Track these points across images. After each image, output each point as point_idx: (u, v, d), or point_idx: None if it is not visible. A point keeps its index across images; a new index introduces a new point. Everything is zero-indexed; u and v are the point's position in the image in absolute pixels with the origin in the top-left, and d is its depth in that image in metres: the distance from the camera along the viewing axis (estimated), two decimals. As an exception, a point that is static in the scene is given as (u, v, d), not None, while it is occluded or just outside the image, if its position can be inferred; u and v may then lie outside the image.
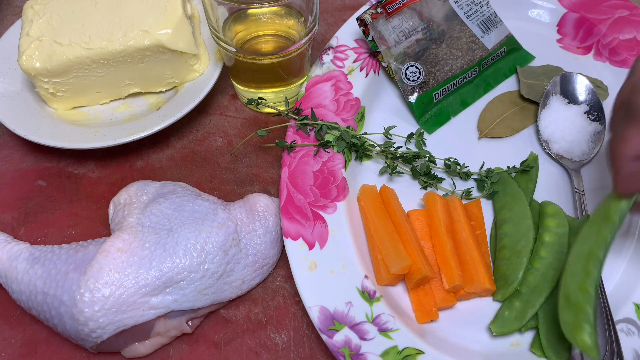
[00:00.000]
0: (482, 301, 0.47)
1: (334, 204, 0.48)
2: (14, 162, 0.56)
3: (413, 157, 0.52)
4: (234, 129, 0.58)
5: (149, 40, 0.51)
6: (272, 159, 0.56)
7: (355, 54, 0.57)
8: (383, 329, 0.43)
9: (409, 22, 0.56)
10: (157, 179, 0.54)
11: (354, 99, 0.55)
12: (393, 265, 0.44)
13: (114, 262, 0.42)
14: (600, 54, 0.62)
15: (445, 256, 0.46)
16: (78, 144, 0.51)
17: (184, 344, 0.45)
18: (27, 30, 0.52)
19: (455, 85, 0.58)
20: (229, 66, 0.56)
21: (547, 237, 0.47)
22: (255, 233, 0.47)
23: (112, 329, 0.41)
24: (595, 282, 0.39)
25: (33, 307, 0.43)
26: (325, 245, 0.46)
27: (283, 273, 0.49)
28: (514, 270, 0.46)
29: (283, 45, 0.53)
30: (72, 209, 0.52)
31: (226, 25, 0.51)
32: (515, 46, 0.61)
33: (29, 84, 0.56)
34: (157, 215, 0.45)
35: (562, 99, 0.57)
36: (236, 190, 0.54)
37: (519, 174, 0.53)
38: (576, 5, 0.64)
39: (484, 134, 0.56)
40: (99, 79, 0.54)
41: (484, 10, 0.59)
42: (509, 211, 0.49)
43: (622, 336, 0.44)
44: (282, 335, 0.46)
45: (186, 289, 0.43)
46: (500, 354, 0.44)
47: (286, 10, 0.52)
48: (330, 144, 0.51)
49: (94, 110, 0.57)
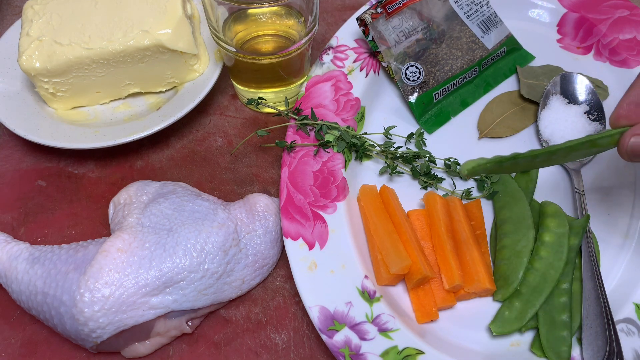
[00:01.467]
0: (482, 301, 0.47)
1: (334, 204, 0.48)
2: (14, 162, 0.56)
3: (413, 157, 0.52)
4: (234, 129, 0.58)
5: (149, 40, 0.51)
6: (272, 159, 0.56)
7: (355, 54, 0.57)
8: (383, 329, 0.43)
9: (409, 22, 0.56)
10: (157, 179, 0.54)
11: (354, 99, 0.55)
12: (393, 265, 0.44)
13: (114, 262, 0.42)
14: (600, 54, 0.62)
15: (445, 256, 0.46)
16: (78, 144, 0.51)
17: (184, 344, 0.45)
18: (27, 30, 0.52)
19: (455, 85, 0.58)
20: (229, 66, 0.56)
21: (547, 237, 0.47)
22: (255, 233, 0.47)
23: (112, 329, 0.41)
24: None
25: (33, 307, 0.43)
26: (325, 245, 0.46)
27: (283, 273, 0.49)
28: (514, 270, 0.46)
29: (283, 45, 0.53)
30: (72, 209, 0.52)
31: (226, 25, 0.51)
32: (515, 46, 0.61)
33: (29, 84, 0.56)
34: (157, 215, 0.45)
35: (562, 99, 0.57)
36: (236, 190, 0.54)
37: (519, 174, 0.53)
38: (576, 5, 0.64)
39: (484, 134, 0.56)
40: (99, 79, 0.54)
41: (484, 10, 0.59)
42: (509, 211, 0.49)
43: (622, 336, 0.44)
44: (282, 335, 0.46)
45: (186, 289, 0.43)
46: (500, 354, 0.44)
47: (286, 10, 0.52)
48: (330, 144, 0.51)
49: (94, 110, 0.57)
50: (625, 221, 0.51)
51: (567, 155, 0.38)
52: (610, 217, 0.51)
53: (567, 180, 0.53)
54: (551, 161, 0.39)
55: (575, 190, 0.51)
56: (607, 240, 0.50)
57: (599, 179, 0.54)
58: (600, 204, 0.52)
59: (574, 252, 0.47)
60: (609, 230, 0.51)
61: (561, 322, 0.44)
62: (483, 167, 0.37)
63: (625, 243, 0.50)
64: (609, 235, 0.50)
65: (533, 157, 0.37)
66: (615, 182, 0.54)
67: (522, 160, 0.37)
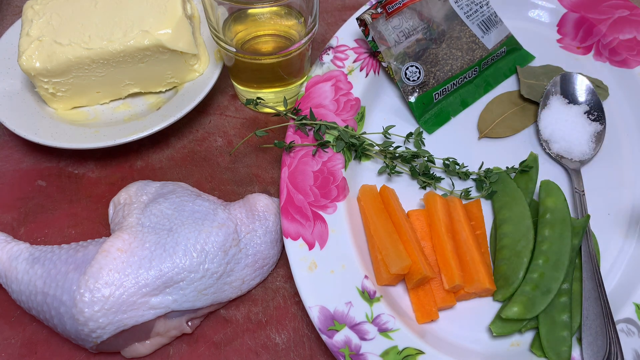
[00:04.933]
0: (482, 301, 0.47)
1: (334, 204, 0.48)
2: (14, 162, 0.56)
3: (412, 157, 0.52)
4: (233, 129, 0.58)
5: (149, 40, 0.51)
6: (272, 159, 0.56)
7: (355, 54, 0.57)
8: (383, 329, 0.43)
9: (409, 22, 0.56)
10: (157, 179, 0.54)
11: (354, 99, 0.55)
12: (393, 265, 0.44)
13: (114, 262, 0.42)
14: (600, 54, 0.62)
15: (445, 256, 0.46)
16: (78, 144, 0.51)
17: (184, 344, 0.45)
18: (27, 30, 0.52)
19: (455, 85, 0.58)
20: (229, 66, 0.56)
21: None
22: (255, 233, 0.47)
23: (112, 329, 0.41)
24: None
25: (33, 307, 0.43)
26: (325, 245, 0.46)
27: (283, 273, 0.49)
28: (514, 270, 0.46)
29: (283, 45, 0.53)
30: (72, 209, 0.52)
31: (226, 25, 0.51)
32: (516, 46, 0.61)
33: (29, 84, 0.56)
34: (157, 215, 0.45)
35: (562, 99, 0.57)
36: (236, 190, 0.54)
37: (519, 174, 0.53)
38: (576, 5, 0.64)
39: (484, 134, 0.56)
40: (98, 79, 0.54)
41: (484, 10, 0.59)
42: (508, 211, 0.49)
43: (622, 336, 0.44)
44: (282, 335, 0.46)
45: (186, 289, 0.43)
46: (500, 354, 0.44)
47: (286, 10, 0.52)
48: (329, 144, 0.51)
49: (94, 110, 0.57)
50: (625, 221, 0.51)
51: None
52: (610, 217, 0.51)
53: (567, 180, 0.53)
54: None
55: (575, 190, 0.51)
56: (607, 240, 0.50)
57: (599, 179, 0.54)
58: (600, 204, 0.52)
59: (574, 252, 0.47)
60: (609, 230, 0.51)
61: (561, 322, 0.44)
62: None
63: (625, 243, 0.50)
64: (609, 235, 0.50)
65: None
66: (615, 182, 0.54)
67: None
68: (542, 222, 0.47)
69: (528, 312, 0.43)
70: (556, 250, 0.45)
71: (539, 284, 0.44)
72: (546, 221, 0.47)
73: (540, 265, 0.45)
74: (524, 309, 0.43)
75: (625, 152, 0.55)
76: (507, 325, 0.44)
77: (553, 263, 0.45)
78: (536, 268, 0.45)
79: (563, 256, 0.45)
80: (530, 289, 0.44)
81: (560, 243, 0.46)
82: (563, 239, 0.46)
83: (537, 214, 0.49)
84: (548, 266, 0.45)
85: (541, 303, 0.44)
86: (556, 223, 0.47)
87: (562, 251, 0.45)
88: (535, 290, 0.44)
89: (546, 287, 0.44)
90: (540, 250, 0.46)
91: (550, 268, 0.45)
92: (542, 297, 0.44)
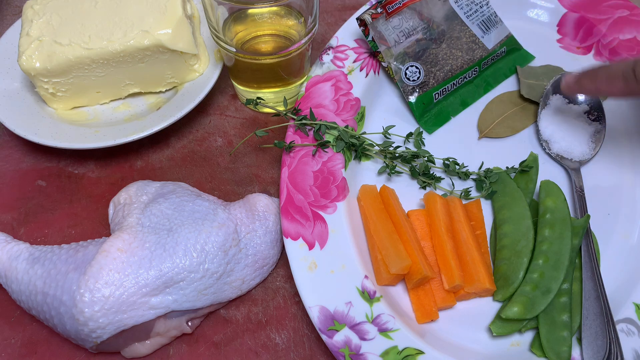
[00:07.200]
0: (482, 301, 0.47)
1: (334, 204, 0.48)
2: (14, 162, 0.56)
3: (412, 157, 0.52)
4: (233, 129, 0.58)
5: (148, 40, 0.51)
6: (271, 159, 0.56)
7: (355, 54, 0.57)
8: (383, 329, 0.43)
9: (409, 22, 0.56)
10: (157, 179, 0.54)
11: (354, 99, 0.55)
12: (393, 265, 0.44)
13: (114, 262, 0.42)
14: (600, 54, 0.62)
15: (445, 256, 0.46)
16: (78, 144, 0.51)
17: (184, 344, 0.45)
18: (27, 30, 0.52)
19: (455, 85, 0.58)
20: (229, 66, 0.56)
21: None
22: (255, 233, 0.47)
23: (112, 329, 0.41)
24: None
25: (33, 307, 0.43)
26: (325, 245, 0.46)
27: (283, 273, 0.49)
28: (514, 270, 0.46)
29: (283, 45, 0.53)
30: (72, 209, 0.52)
31: (226, 25, 0.51)
32: (516, 46, 0.61)
33: (29, 84, 0.56)
34: (157, 215, 0.45)
35: (562, 99, 0.57)
36: (236, 190, 0.54)
37: (519, 174, 0.53)
38: (576, 5, 0.64)
39: (484, 134, 0.56)
40: (99, 79, 0.54)
41: (484, 10, 0.59)
42: (508, 211, 0.49)
43: (622, 336, 0.44)
44: (282, 335, 0.46)
45: (186, 289, 0.43)
46: (500, 354, 0.44)
47: (286, 10, 0.52)
48: (329, 144, 0.51)
49: (94, 110, 0.57)
50: (625, 221, 0.51)
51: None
52: (610, 217, 0.51)
53: (567, 180, 0.53)
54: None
55: (575, 190, 0.51)
56: (607, 240, 0.50)
57: (599, 179, 0.54)
58: (600, 204, 0.52)
59: (574, 252, 0.47)
60: (609, 230, 0.51)
61: (561, 322, 0.44)
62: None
63: (625, 243, 0.50)
64: (609, 235, 0.50)
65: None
66: (615, 182, 0.54)
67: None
68: (542, 222, 0.47)
69: (528, 312, 0.43)
70: (556, 250, 0.45)
71: (539, 284, 0.44)
72: (546, 221, 0.47)
73: (540, 265, 0.45)
74: (524, 309, 0.43)
75: (625, 152, 0.55)
76: (507, 325, 0.44)
77: (553, 263, 0.45)
78: (536, 268, 0.45)
79: (563, 256, 0.45)
80: (530, 289, 0.44)
81: (560, 243, 0.46)
82: (563, 239, 0.46)
83: (537, 214, 0.49)
84: (548, 266, 0.45)
85: (541, 303, 0.44)
86: (556, 223, 0.47)
87: (562, 251, 0.45)
88: (535, 290, 0.44)
89: (546, 287, 0.44)
90: (540, 250, 0.46)
91: (550, 268, 0.45)
92: (542, 297, 0.44)
